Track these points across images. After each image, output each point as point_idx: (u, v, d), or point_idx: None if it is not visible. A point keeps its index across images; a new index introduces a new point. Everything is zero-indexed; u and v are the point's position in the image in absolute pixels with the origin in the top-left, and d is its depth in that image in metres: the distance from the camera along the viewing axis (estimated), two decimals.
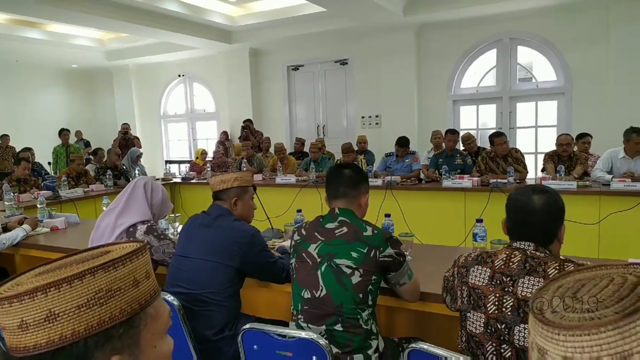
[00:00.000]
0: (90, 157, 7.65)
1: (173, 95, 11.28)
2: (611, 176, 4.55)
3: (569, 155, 5.05)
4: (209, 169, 6.60)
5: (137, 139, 9.01)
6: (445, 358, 1.41)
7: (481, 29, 7.66)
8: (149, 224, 2.42)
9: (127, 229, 2.37)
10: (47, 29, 8.45)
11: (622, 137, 4.72)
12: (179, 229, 3.13)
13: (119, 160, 6.49)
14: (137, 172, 6.75)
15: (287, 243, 2.80)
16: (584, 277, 0.59)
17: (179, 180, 6.75)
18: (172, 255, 2.23)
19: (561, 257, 1.54)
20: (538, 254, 1.47)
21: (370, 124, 8.75)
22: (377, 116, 8.66)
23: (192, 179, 6.71)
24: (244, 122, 8.88)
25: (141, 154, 7.46)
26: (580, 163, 4.96)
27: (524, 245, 1.50)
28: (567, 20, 7.08)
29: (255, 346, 1.60)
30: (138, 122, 11.39)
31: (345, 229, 1.80)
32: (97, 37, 9.61)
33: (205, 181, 6.42)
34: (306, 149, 7.32)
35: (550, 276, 1.41)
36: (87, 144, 10.10)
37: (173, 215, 3.36)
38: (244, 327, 1.63)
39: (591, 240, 4.18)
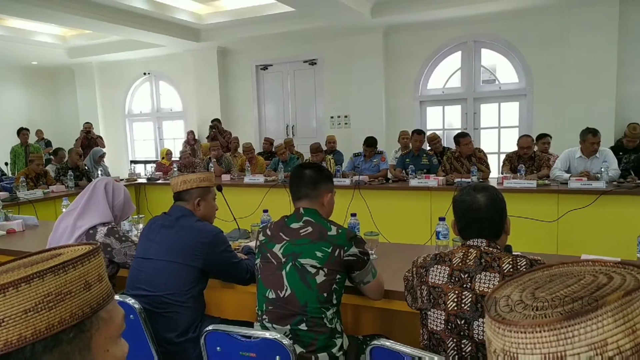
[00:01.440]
0: (51, 157, 7.40)
1: (138, 93, 11.03)
2: (569, 175, 4.72)
3: (530, 156, 5.22)
4: (175, 169, 6.49)
5: (100, 138, 8.76)
6: (414, 358, 1.43)
7: (446, 32, 7.81)
8: (110, 226, 2.36)
9: (86, 231, 2.30)
10: (5, 24, 8.12)
11: (579, 137, 4.91)
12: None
13: (80, 161, 6.29)
14: (99, 172, 6.57)
15: (253, 244, 2.78)
16: (560, 272, 0.59)
17: (144, 180, 6.61)
18: (133, 257, 2.19)
19: (514, 253, 1.59)
20: (491, 249, 1.53)
21: (339, 124, 8.79)
22: (346, 116, 8.71)
23: (158, 180, 6.58)
24: (212, 121, 8.77)
25: (104, 153, 7.26)
26: (547, 167, 5.12)
27: (477, 242, 1.56)
28: (528, 24, 7.31)
29: (218, 348, 1.58)
30: (101, 121, 11.09)
31: (310, 229, 1.81)
32: (58, 34, 9.29)
33: (169, 182, 6.31)
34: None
35: (505, 271, 1.47)
36: (48, 144, 9.76)
37: (136, 216, 3.29)
38: (207, 328, 1.61)
39: (550, 237, 4.34)
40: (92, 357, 0.70)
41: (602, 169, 4.51)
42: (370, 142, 5.77)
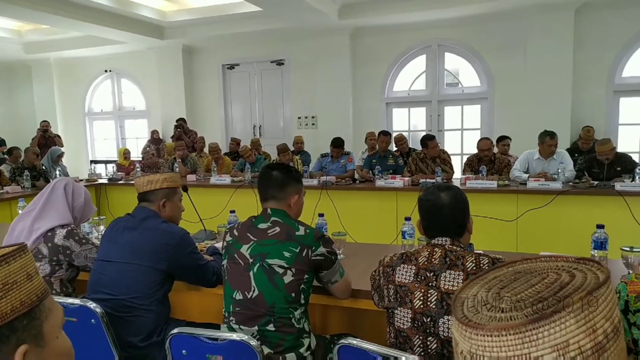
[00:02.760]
0: (5, 156, 7.07)
1: (99, 91, 10.69)
2: (527, 175, 4.89)
3: (490, 158, 5.38)
4: (138, 170, 6.33)
5: (59, 137, 8.44)
6: (387, 358, 1.45)
7: (412, 35, 7.95)
8: (70, 228, 2.28)
9: (44, 233, 2.22)
10: None
11: (538, 139, 5.10)
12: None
13: (37, 160, 6.05)
14: (58, 172, 6.33)
15: (219, 245, 2.75)
16: (524, 269, 0.60)
17: (105, 181, 6.42)
18: (95, 260, 2.12)
19: (476, 251, 1.64)
20: (455, 247, 1.57)
21: (306, 124, 8.80)
22: (313, 117, 8.73)
23: (120, 180, 6.40)
24: (176, 121, 8.61)
25: (62, 153, 7.01)
26: (506, 168, 5.28)
27: (442, 240, 1.60)
28: (489, 29, 7.53)
29: (184, 351, 1.55)
30: (60, 120, 10.68)
31: (277, 229, 1.80)
32: (13, 28, 8.88)
33: (133, 182, 6.15)
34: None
35: (468, 270, 1.51)
36: (2, 143, 9.31)
37: (97, 218, 3.19)
38: (172, 332, 1.58)
39: (510, 235, 4.48)
40: (46, 344, 0.75)
41: (559, 170, 4.70)
42: (338, 143, 5.81)
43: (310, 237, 1.78)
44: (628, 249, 1.97)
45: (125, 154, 7.55)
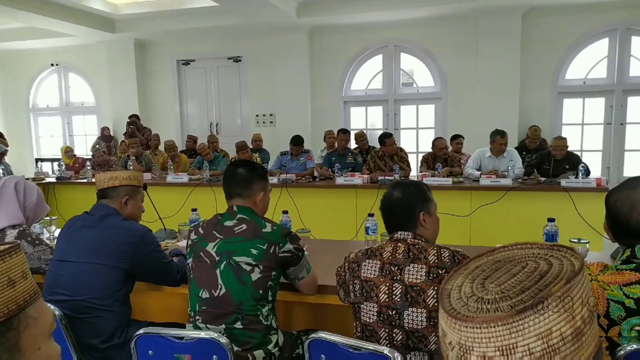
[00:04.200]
0: None
1: (44, 86, 10.17)
2: (479, 173, 5.10)
3: (445, 156, 5.56)
4: (89, 168, 6.08)
5: (1, 134, 7.96)
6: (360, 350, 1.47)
7: (369, 35, 8.08)
8: (21, 229, 2.17)
9: None
10: None
11: (489, 138, 5.32)
12: (56, 233, 2.86)
13: None
14: (1, 171, 5.98)
15: (182, 243, 2.70)
16: (503, 257, 0.63)
17: (53, 179, 6.12)
18: (50, 261, 2.03)
19: (437, 245, 1.71)
20: (417, 241, 1.62)
21: (264, 122, 8.75)
22: (271, 115, 8.69)
23: (69, 179, 6.13)
24: (129, 117, 8.32)
25: (6, 151, 6.59)
26: (458, 165, 5.49)
27: (404, 235, 1.65)
28: (443, 31, 7.77)
29: (150, 352, 1.52)
30: (2, 116, 10.08)
31: (244, 226, 1.80)
32: None
33: (84, 180, 5.92)
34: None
35: (430, 263, 1.57)
36: None
37: (48, 218, 3.05)
38: (138, 332, 1.54)
39: (464, 230, 4.65)
40: (23, 356, 0.68)
41: (509, 168, 4.92)
42: (297, 141, 5.82)
43: (277, 234, 1.79)
44: (576, 240, 2.11)
45: (68, 151, 7.15)
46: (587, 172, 4.61)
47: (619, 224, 1.25)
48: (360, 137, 6.16)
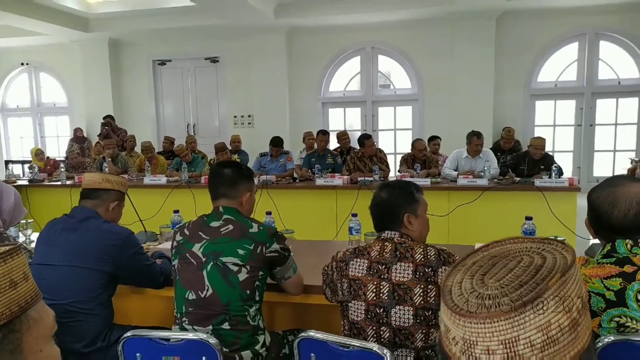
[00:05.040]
0: None
1: (14, 86, 9.88)
2: (457, 173, 5.19)
3: (424, 157, 5.64)
4: (63, 170, 5.94)
5: None
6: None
7: (347, 37, 8.14)
8: None
9: None
10: None
11: (465, 139, 5.42)
12: (33, 237, 2.79)
13: None
14: None
15: (163, 246, 2.67)
16: (498, 252, 0.65)
17: (25, 182, 5.95)
18: (30, 265, 1.98)
19: (424, 243, 1.74)
20: (404, 240, 1.65)
21: (242, 123, 8.71)
22: (249, 116, 8.65)
23: (42, 181, 5.97)
24: (104, 118, 8.15)
25: None
26: (436, 166, 5.57)
27: (391, 234, 1.67)
28: (420, 34, 7.89)
29: (138, 354, 1.50)
30: None
31: (230, 227, 1.79)
32: None
33: (58, 183, 5.77)
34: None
35: (417, 261, 1.59)
36: None
37: (24, 221, 2.97)
38: (125, 334, 1.52)
39: (442, 230, 4.72)
40: (24, 358, 0.68)
41: (485, 168, 5.02)
42: (277, 142, 5.81)
43: (264, 234, 1.79)
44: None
45: (38, 154, 6.93)
46: (559, 172, 4.75)
47: (601, 221, 1.30)
48: (343, 136, 6.20)
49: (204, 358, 1.46)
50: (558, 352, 0.53)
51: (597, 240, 1.47)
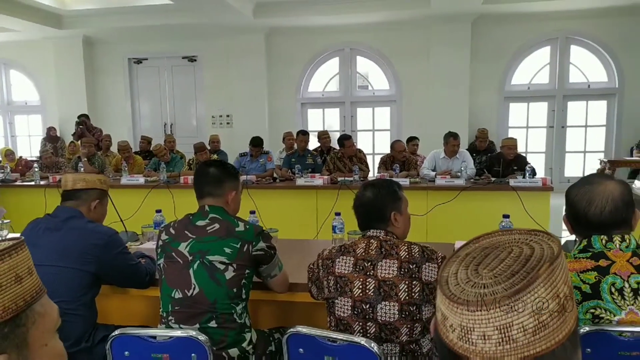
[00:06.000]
0: None
1: None
2: (434, 173, 5.29)
3: (403, 159, 5.73)
4: (36, 170, 5.79)
5: None
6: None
7: (325, 38, 8.18)
8: None
9: None
10: None
11: (443, 140, 5.52)
12: (9, 237, 2.73)
13: None
14: None
15: (145, 246, 2.65)
16: (489, 244, 0.69)
17: None
18: None
19: (408, 241, 1.78)
20: (389, 237, 1.69)
21: (221, 123, 8.66)
22: (228, 116, 8.61)
23: (15, 181, 5.81)
24: (78, 117, 7.98)
25: None
26: (414, 167, 5.66)
27: (377, 232, 1.71)
28: (398, 36, 7.99)
29: (126, 352, 1.50)
30: None
31: (217, 226, 1.80)
32: None
33: (32, 183, 5.63)
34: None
35: (402, 258, 1.64)
36: None
37: (0, 221, 2.90)
38: (114, 333, 1.51)
39: (421, 229, 4.80)
40: (30, 352, 0.69)
41: (462, 168, 5.13)
42: (257, 142, 5.80)
43: (250, 232, 1.81)
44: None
45: (9, 154, 6.74)
46: (533, 172, 4.89)
47: (579, 217, 1.36)
48: (324, 135, 6.24)
49: (193, 355, 1.47)
50: (548, 335, 0.58)
51: (571, 237, 1.54)
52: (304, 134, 5.93)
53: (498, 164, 5.30)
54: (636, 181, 4.40)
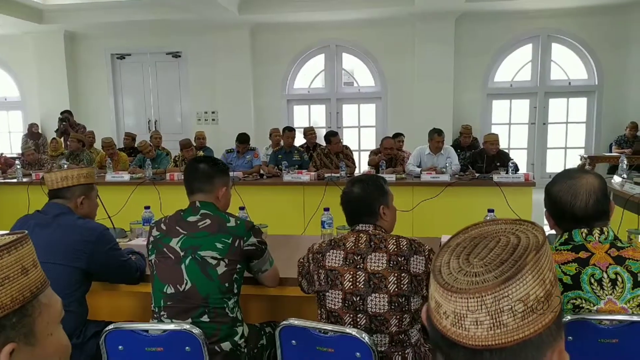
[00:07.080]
0: None
1: None
2: (420, 169, 5.35)
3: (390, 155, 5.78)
4: (19, 167, 5.70)
5: None
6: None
7: (311, 34, 8.19)
8: None
9: None
10: None
11: (428, 136, 5.59)
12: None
13: None
14: None
15: (133, 242, 2.65)
16: (477, 234, 0.72)
17: None
18: None
19: (396, 235, 1.82)
20: (377, 232, 1.73)
21: (206, 120, 8.61)
22: (213, 112, 8.57)
23: None
24: (61, 113, 7.86)
25: None
26: (400, 164, 5.73)
27: (365, 227, 1.75)
28: (382, 33, 8.04)
29: (120, 347, 1.51)
30: None
31: (208, 221, 1.82)
32: None
33: (13, 180, 5.54)
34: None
35: (390, 251, 1.68)
36: None
37: None
38: (108, 327, 1.52)
39: (407, 224, 4.87)
40: (37, 342, 0.72)
41: (447, 164, 5.21)
42: (243, 139, 5.80)
43: (241, 228, 1.83)
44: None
45: None
46: (516, 168, 4.98)
47: (564, 212, 1.40)
48: (310, 131, 6.26)
49: (187, 348, 1.49)
50: (536, 319, 0.62)
51: (552, 231, 1.59)
52: (290, 130, 5.94)
53: (481, 160, 5.39)
54: (615, 176, 4.52)
